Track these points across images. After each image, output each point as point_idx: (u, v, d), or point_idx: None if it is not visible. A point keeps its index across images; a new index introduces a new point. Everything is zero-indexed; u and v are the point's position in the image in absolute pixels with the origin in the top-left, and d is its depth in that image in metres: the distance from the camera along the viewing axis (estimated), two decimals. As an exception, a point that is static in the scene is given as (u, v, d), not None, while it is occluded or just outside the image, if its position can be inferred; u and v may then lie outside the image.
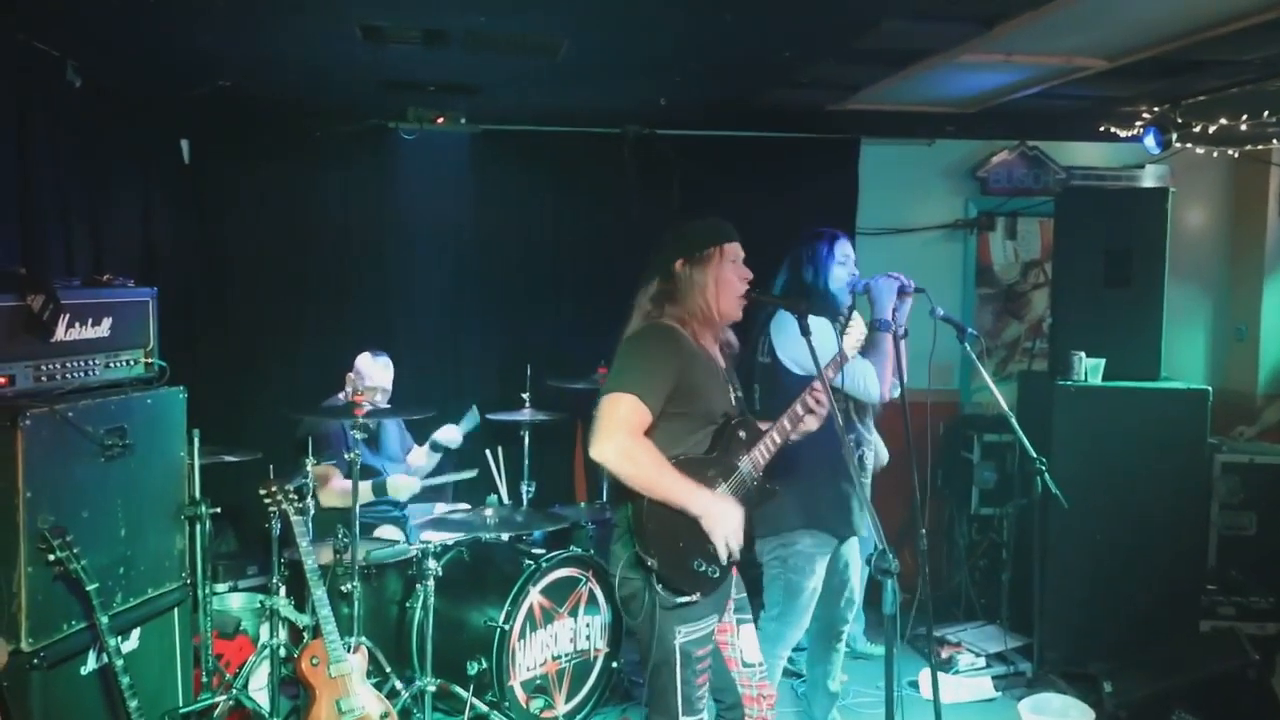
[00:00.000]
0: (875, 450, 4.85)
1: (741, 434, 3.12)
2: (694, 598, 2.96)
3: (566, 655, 4.57)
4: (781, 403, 3.28)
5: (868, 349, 3.95)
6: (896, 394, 3.98)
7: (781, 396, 3.75)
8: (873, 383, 3.87)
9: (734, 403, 3.17)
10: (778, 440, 3.15)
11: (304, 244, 6.01)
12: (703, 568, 2.97)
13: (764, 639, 3.99)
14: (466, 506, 5.10)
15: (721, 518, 2.95)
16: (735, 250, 3.13)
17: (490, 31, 4.00)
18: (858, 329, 3.65)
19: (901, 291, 3.87)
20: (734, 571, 3.17)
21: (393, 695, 4.23)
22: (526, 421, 5.13)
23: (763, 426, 3.17)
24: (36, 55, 4.21)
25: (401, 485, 4.99)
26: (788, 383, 3.86)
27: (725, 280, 3.08)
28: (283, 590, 4.11)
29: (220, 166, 5.88)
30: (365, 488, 4.74)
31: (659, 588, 2.92)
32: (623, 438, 2.86)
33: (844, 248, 4.09)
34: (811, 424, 3.19)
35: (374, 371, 5.04)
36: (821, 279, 4.03)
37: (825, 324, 3.68)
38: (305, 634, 4.08)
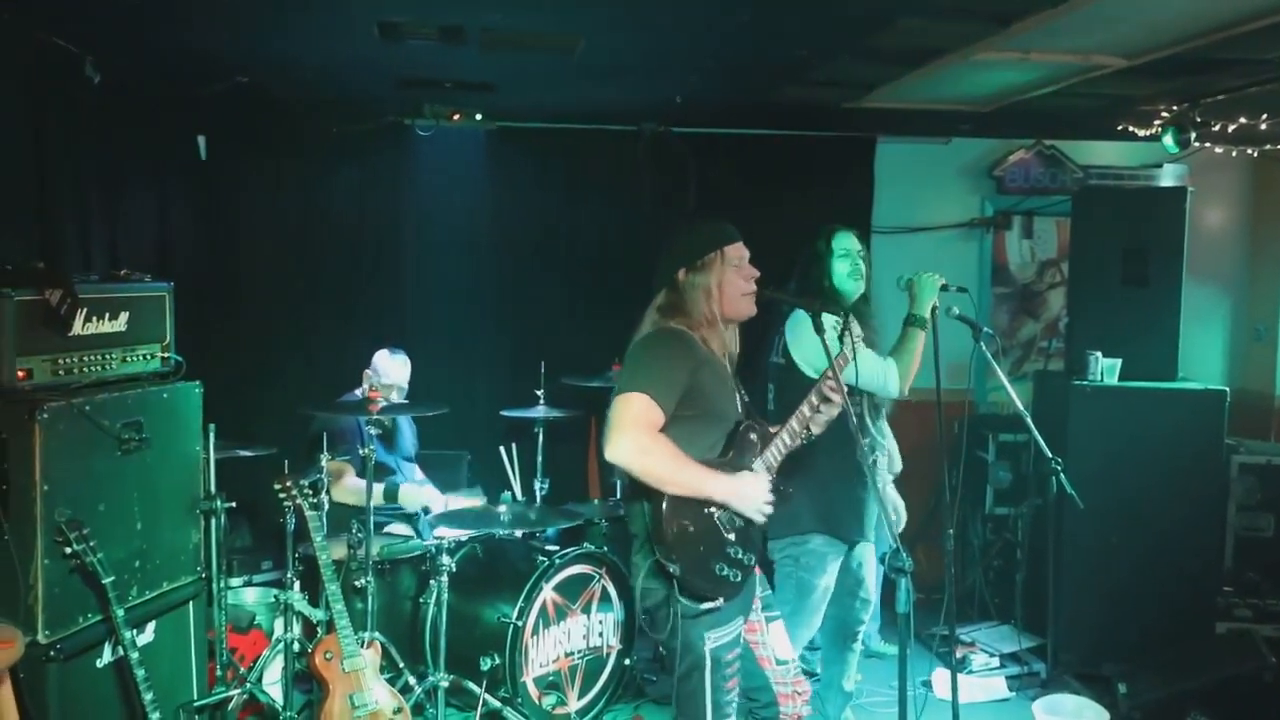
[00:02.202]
0: (889, 454, 4.84)
1: (753, 436, 3.11)
2: (717, 603, 2.94)
3: (579, 652, 4.57)
4: (794, 404, 3.28)
5: (898, 344, 3.93)
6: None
7: (794, 397, 3.74)
8: (892, 379, 3.85)
9: (740, 407, 3.16)
10: (788, 441, 3.14)
11: (320, 240, 6.02)
12: (724, 571, 2.96)
13: None
14: (478, 501, 5.11)
15: (746, 493, 2.96)
16: (738, 251, 3.11)
17: (507, 29, 4.00)
18: (854, 328, 3.64)
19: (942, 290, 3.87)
20: (756, 570, 3.16)
21: (406, 690, 4.24)
22: (540, 418, 5.13)
23: (772, 429, 3.16)
24: (55, 52, 4.23)
25: (413, 496, 4.98)
26: (802, 384, 3.85)
27: (728, 283, 3.07)
28: (297, 585, 4.11)
29: (237, 163, 5.90)
30: (377, 490, 4.74)
31: (682, 597, 2.90)
32: (638, 435, 2.85)
33: (843, 241, 4.06)
34: (832, 411, 3.18)
35: (391, 369, 5.05)
36: (826, 276, 4.02)
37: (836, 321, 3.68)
38: (319, 629, 4.09)
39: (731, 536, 2.99)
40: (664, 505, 2.88)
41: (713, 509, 2.96)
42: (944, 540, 3.41)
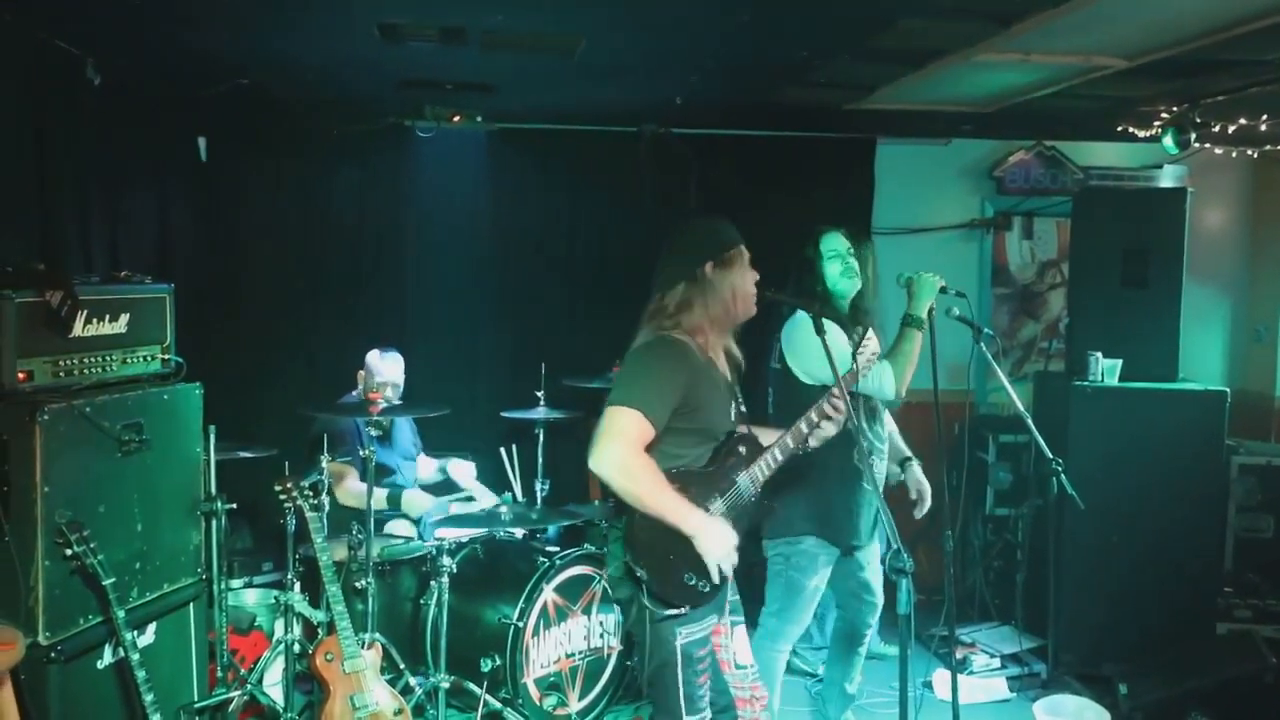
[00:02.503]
0: (893, 450, 4.83)
1: (741, 449, 3.10)
2: (682, 611, 2.95)
3: (580, 653, 4.57)
4: (792, 409, 3.27)
5: (894, 346, 3.91)
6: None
7: (792, 403, 3.74)
8: (888, 381, 3.84)
9: (735, 418, 3.15)
10: (779, 457, 3.12)
11: (320, 241, 6.03)
12: (693, 581, 2.95)
13: (763, 635, 3.99)
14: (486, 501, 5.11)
15: (714, 542, 2.90)
16: (745, 250, 3.14)
17: (507, 29, 4.00)
18: (872, 345, 3.64)
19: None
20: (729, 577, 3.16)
21: (407, 691, 4.24)
22: (541, 419, 5.13)
23: (764, 442, 3.15)
24: (56, 53, 4.23)
25: (416, 503, 4.99)
26: (799, 389, 3.84)
27: (746, 281, 3.09)
28: (297, 586, 4.12)
29: (237, 164, 5.90)
30: (380, 495, 4.75)
31: (647, 601, 2.91)
32: (622, 451, 2.85)
33: (831, 242, 4.04)
34: (830, 430, 3.16)
35: (384, 367, 5.06)
36: (819, 280, 4.01)
37: (838, 330, 3.67)
38: (320, 630, 4.09)
39: None
40: (639, 511, 2.90)
41: None
42: (943, 541, 3.41)
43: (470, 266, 6.17)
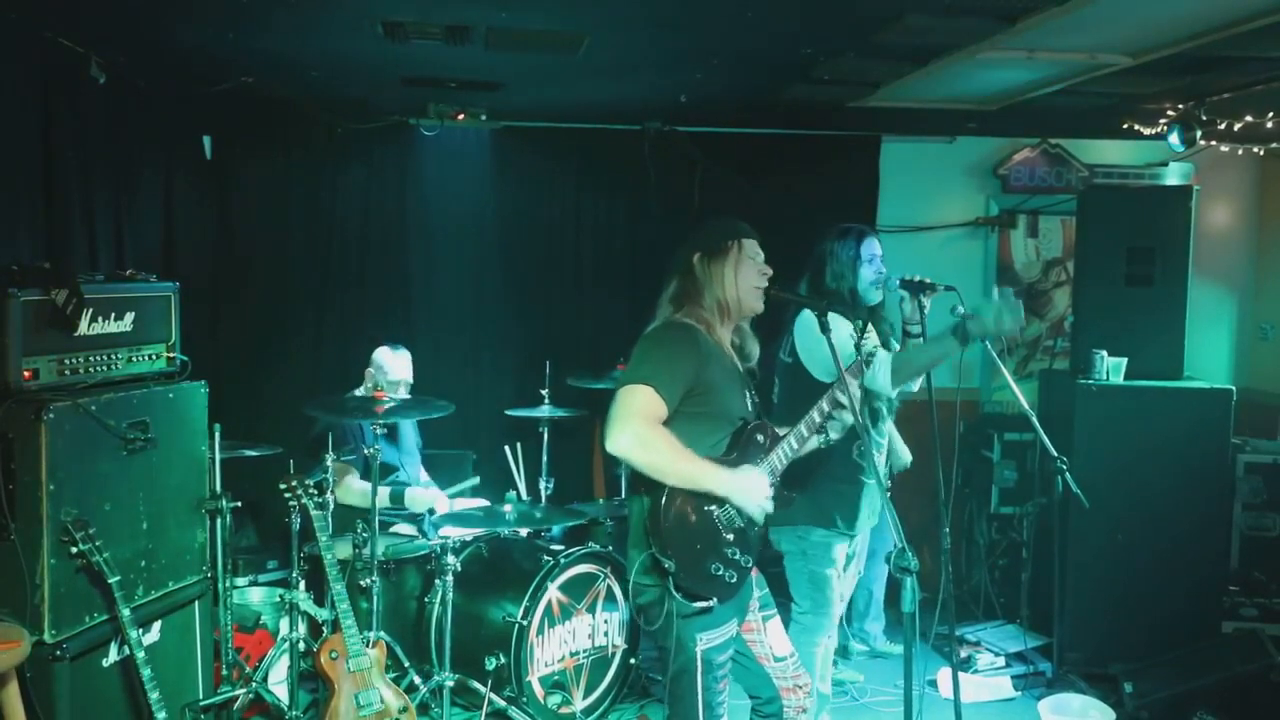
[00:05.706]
0: (895, 452, 4.82)
1: (759, 438, 3.09)
2: (710, 603, 2.93)
3: (584, 651, 4.57)
4: (799, 403, 3.26)
5: (922, 348, 3.83)
6: (915, 388, 3.93)
7: (800, 397, 3.73)
8: (884, 374, 3.73)
9: (750, 407, 3.15)
10: (795, 446, 3.12)
11: (325, 240, 6.03)
12: (720, 571, 2.94)
13: (799, 631, 3.99)
14: (485, 502, 5.11)
15: (748, 489, 2.94)
16: (753, 247, 3.14)
17: (512, 27, 4.00)
18: (873, 338, 3.63)
19: (923, 289, 3.81)
20: (754, 572, 3.16)
21: (411, 690, 4.25)
22: (545, 418, 5.13)
23: (780, 431, 3.15)
24: (61, 52, 4.24)
25: (420, 499, 4.98)
26: (808, 384, 3.83)
27: (743, 274, 3.09)
28: (302, 584, 4.13)
29: (242, 162, 5.91)
30: (383, 494, 4.75)
31: (675, 594, 2.89)
32: (638, 426, 2.84)
33: (871, 245, 4.06)
34: (845, 417, 3.18)
35: (394, 365, 5.05)
36: (850, 279, 4.01)
37: (844, 322, 3.67)
38: (324, 628, 4.10)
39: (730, 537, 2.97)
40: (663, 500, 2.87)
41: (713, 507, 2.95)
42: (940, 539, 3.40)
43: (474, 265, 6.18)
